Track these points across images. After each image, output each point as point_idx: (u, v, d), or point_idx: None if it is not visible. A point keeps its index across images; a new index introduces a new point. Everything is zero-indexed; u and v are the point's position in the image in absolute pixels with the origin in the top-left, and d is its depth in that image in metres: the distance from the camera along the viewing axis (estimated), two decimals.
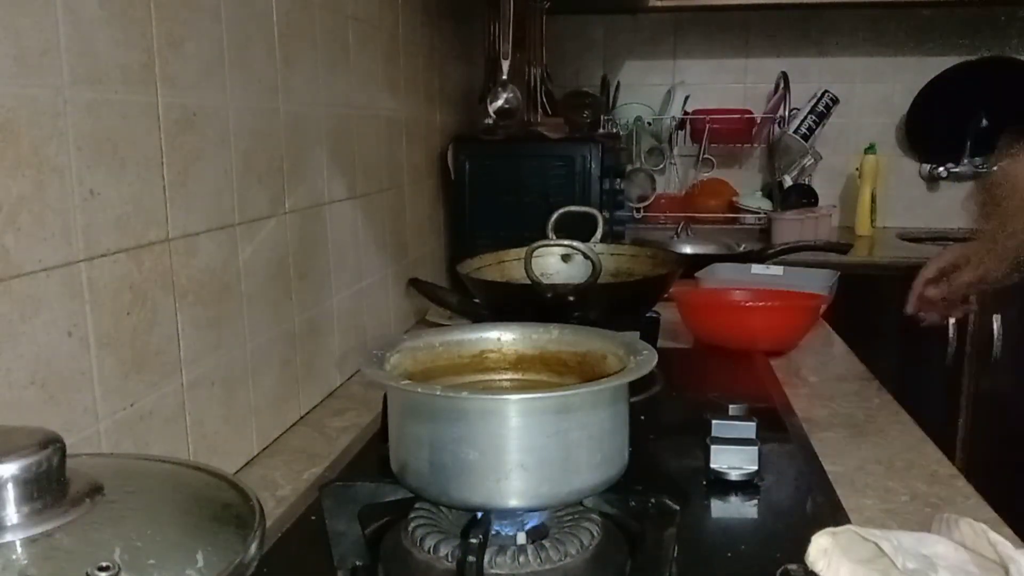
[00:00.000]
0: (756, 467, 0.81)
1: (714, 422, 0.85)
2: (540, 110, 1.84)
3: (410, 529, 0.65)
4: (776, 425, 0.96)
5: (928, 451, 0.92)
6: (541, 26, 1.88)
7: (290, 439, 0.99)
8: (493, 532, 0.62)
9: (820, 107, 2.46)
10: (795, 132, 2.43)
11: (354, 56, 1.21)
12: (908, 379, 1.97)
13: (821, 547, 0.56)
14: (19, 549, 0.40)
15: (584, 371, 0.75)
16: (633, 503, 0.63)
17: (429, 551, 0.63)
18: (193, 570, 0.41)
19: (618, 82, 2.55)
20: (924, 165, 2.57)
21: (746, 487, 0.81)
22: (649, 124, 2.47)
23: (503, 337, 0.79)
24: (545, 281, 1.08)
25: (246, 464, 0.91)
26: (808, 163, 2.47)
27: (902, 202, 2.59)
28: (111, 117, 0.69)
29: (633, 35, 2.56)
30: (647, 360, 0.67)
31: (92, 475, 0.46)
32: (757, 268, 1.64)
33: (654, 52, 2.56)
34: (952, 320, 1.93)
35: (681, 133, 2.49)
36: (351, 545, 0.66)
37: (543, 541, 0.63)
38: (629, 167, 2.43)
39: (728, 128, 2.45)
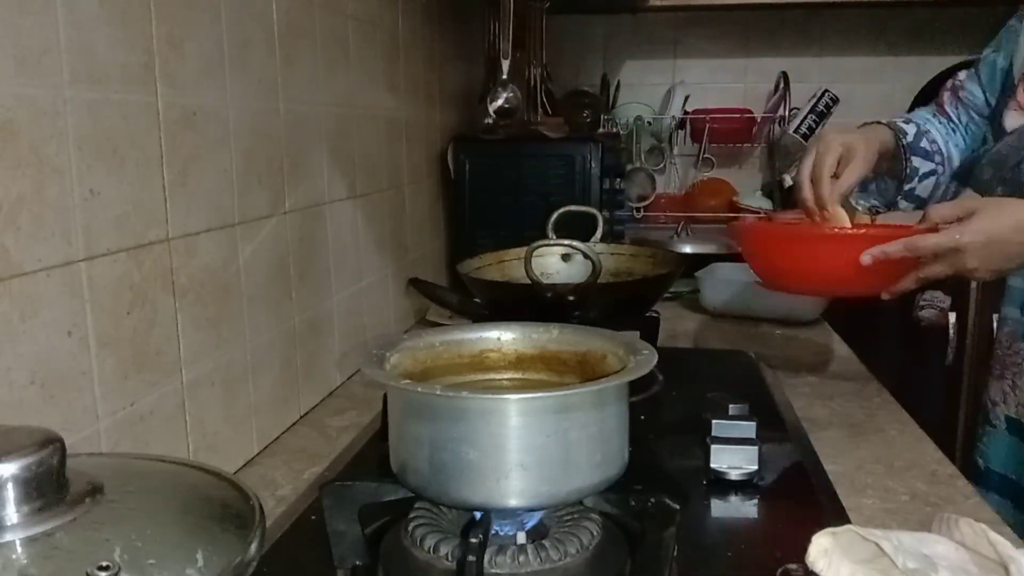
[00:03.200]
0: (756, 467, 0.81)
1: (714, 422, 0.85)
2: (540, 110, 1.84)
3: (410, 529, 0.65)
4: (776, 425, 0.96)
5: (928, 451, 0.92)
6: (541, 26, 1.88)
7: (290, 439, 0.99)
8: (493, 532, 0.62)
9: (820, 107, 2.45)
10: (795, 132, 2.43)
11: (354, 56, 1.21)
12: (908, 379, 1.97)
13: (822, 547, 0.56)
14: (19, 549, 0.40)
15: (584, 371, 0.75)
16: (633, 503, 0.63)
17: (429, 551, 0.63)
18: (193, 570, 0.41)
19: (618, 82, 2.55)
20: None
21: (746, 487, 0.81)
22: (649, 124, 2.47)
23: (503, 337, 0.79)
24: (545, 281, 1.08)
25: (246, 464, 0.91)
26: None
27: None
28: (111, 117, 0.69)
29: (633, 35, 2.56)
30: (647, 360, 0.67)
31: (92, 475, 0.46)
32: None
33: (654, 52, 2.56)
34: (952, 320, 1.93)
35: (681, 133, 2.49)
36: (351, 545, 0.66)
37: (543, 541, 0.63)
38: (629, 167, 2.43)
39: (728, 128, 2.45)
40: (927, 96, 2.50)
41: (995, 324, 1.11)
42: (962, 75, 1.16)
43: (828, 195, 1.03)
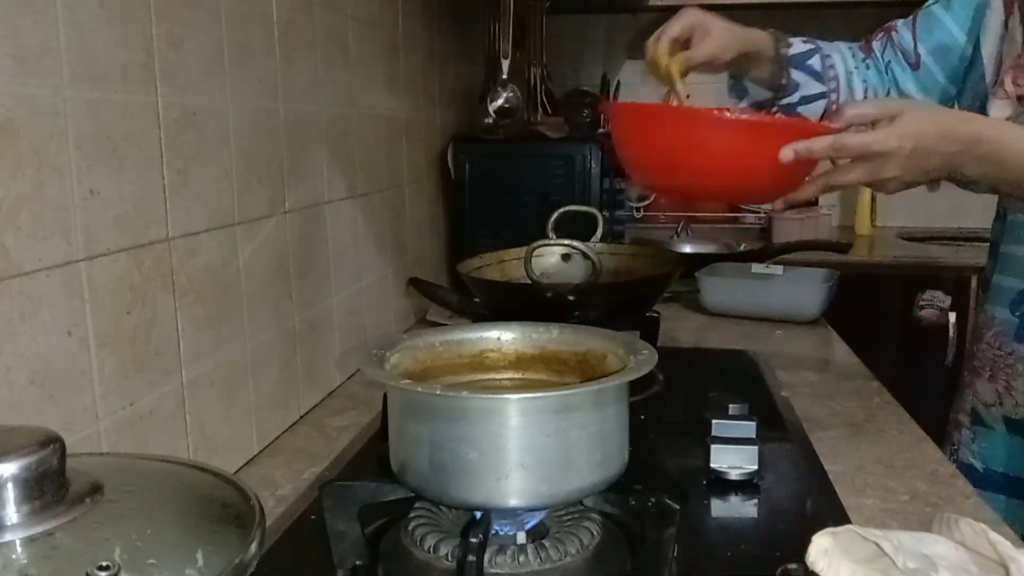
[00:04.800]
0: (756, 467, 0.81)
1: (714, 422, 0.85)
2: (540, 109, 1.84)
3: (410, 528, 0.65)
4: (776, 425, 0.96)
5: (928, 451, 0.92)
6: (541, 25, 1.88)
7: (290, 439, 0.99)
8: (493, 532, 0.62)
9: None
10: None
11: (354, 56, 1.21)
12: (908, 379, 1.97)
13: (821, 547, 0.56)
14: (19, 549, 0.40)
15: (584, 370, 0.75)
16: (633, 502, 0.63)
17: (429, 550, 0.63)
18: (193, 570, 0.41)
19: (618, 81, 2.54)
20: None
21: (746, 487, 0.81)
22: None
23: (503, 336, 0.79)
24: (545, 281, 1.08)
25: (246, 464, 0.91)
26: None
27: (902, 201, 2.59)
28: (111, 117, 0.69)
29: (633, 35, 2.56)
30: (647, 359, 0.67)
31: (92, 475, 0.46)
32: (757, 267, 1.64)
33: None
34: (952, 319, 1.93)
35: None
36: (351, 545, 0.66)
37: (543, 540, 0.63)
38: None
39: None
40: None
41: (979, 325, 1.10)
42: (899, 22, 1.13)
43: (661, 55, 1.01)
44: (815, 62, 1.11)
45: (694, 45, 1.03)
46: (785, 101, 1.11)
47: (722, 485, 0.81)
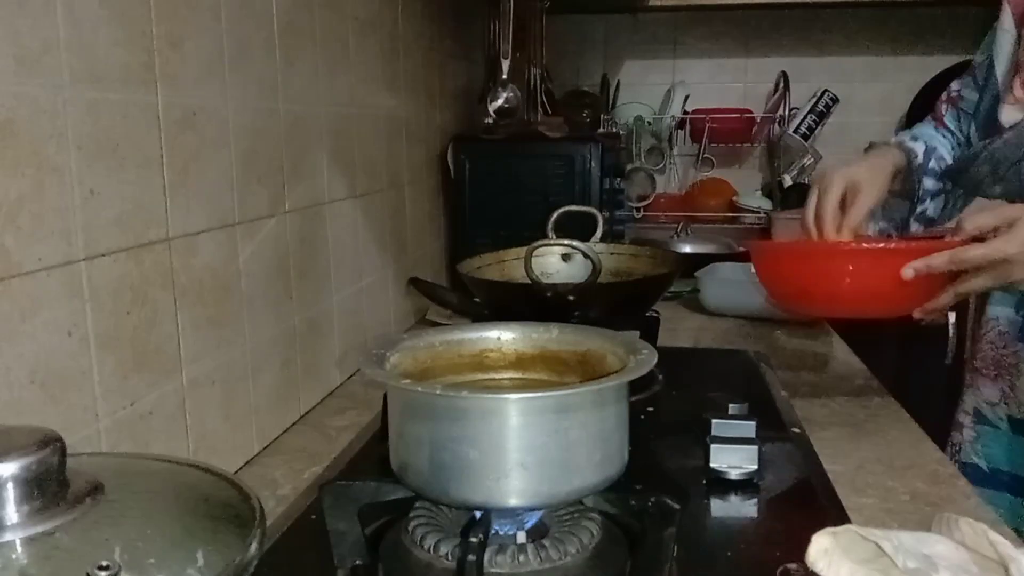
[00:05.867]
0: (756, 466, 0.81)
1: (714, 421, 0.85)
2: (540, 109, 1.84)
3: (410, 528, 0.65)
4: (776, 425, 0.96)
5: (928, 451, 0.92)
6: (541, 25, 1.88)
7: (290, 438, 0.99)
8: (493, 531, 0.62)
9: (820, 106, 2.45)
10: (795, 131, 2.43)
11: (354, 56, 1.21)
12: (908, 379, 1.97)
13: (821, 547, 0.56)
14: (19, 548, 0.40)
15: (584, 370, 0.75)
16: (633, 502, 0.63)
17: (429, 550, 0.63)
18: (193, 570, 0.41)
19: (618, 81, 2.54)
20: None
21: (746, 486, 0.81)
22: (649, 123, 2.46)
23: (503, 336, 0.79)
24: (545, 280, 1.08)
25: (246, 463, 0.91)
26: (808, 162, 2.47)
27: None
28: (111, 117, 0.69)
29: (633, 35, 2.56)
30: (647, 359, 0.67)
31: (92, 475, 0.46)
32: None
33: (654, 52, 2.56)
34: (952, 319, 1.93)
35: (681, 132, 2.49)
36: (351, 544, 0.66)
37: (543, 540, 0.63)
38: (629, 166, 2.43)
39: (728, 128, 2.45)
40: (926, 97, 2.50)
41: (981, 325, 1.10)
42: (955, 85, 1.13)
43: (835, 234, 0.99)
44: (933, 162, 1.10)
45: (849, 205, 1.00)
46: (920, 208, 1.12)
47: (722, 485, 0.81)
